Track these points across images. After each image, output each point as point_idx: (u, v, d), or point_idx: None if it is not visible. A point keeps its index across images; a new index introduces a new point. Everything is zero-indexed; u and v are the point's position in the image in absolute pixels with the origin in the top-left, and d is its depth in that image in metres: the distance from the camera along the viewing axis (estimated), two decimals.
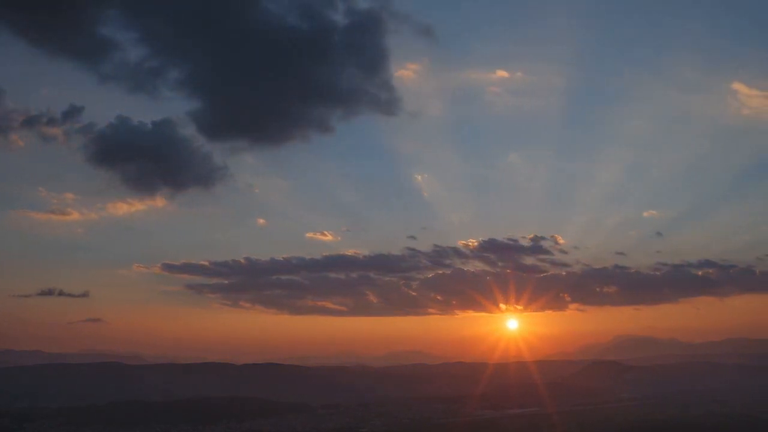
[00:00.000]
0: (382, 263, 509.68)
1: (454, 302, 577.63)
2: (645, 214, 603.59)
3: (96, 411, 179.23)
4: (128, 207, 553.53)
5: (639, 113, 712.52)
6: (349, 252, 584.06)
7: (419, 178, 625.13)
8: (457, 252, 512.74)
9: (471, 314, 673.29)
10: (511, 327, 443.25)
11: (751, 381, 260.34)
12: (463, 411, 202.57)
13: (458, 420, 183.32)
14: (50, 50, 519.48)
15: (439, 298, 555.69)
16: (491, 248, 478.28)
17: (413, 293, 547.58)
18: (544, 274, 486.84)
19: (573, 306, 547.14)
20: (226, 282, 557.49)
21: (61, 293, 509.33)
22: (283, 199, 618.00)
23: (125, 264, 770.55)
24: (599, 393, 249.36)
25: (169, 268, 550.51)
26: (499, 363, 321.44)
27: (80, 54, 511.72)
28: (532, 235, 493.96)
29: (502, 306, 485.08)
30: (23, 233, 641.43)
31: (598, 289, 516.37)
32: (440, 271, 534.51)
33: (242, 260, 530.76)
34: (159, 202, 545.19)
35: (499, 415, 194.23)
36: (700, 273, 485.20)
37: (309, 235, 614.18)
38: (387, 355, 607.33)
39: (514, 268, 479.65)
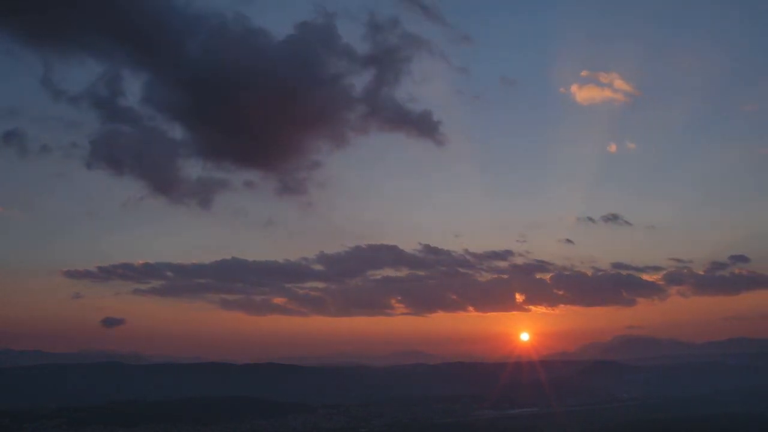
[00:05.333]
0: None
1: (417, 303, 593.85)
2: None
3: (96, 411, 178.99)
4: None
5: None
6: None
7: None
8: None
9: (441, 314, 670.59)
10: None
11: (752, 381, 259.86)
12: (464, 411, 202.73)
13: (458, 420, 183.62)
14: None
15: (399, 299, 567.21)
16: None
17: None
18: (491, 278, 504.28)
19: (539, 307, 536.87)
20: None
21: None
22: None
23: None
24: (599, 393, 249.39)
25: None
26: (499, 363, 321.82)
27: None
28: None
29: (470, 308, 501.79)
30: None
31: (555, 292, 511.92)
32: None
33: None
34: None
35: (499, 415, 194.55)
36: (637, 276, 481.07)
37: None
38: (387, 355, 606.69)
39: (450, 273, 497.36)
